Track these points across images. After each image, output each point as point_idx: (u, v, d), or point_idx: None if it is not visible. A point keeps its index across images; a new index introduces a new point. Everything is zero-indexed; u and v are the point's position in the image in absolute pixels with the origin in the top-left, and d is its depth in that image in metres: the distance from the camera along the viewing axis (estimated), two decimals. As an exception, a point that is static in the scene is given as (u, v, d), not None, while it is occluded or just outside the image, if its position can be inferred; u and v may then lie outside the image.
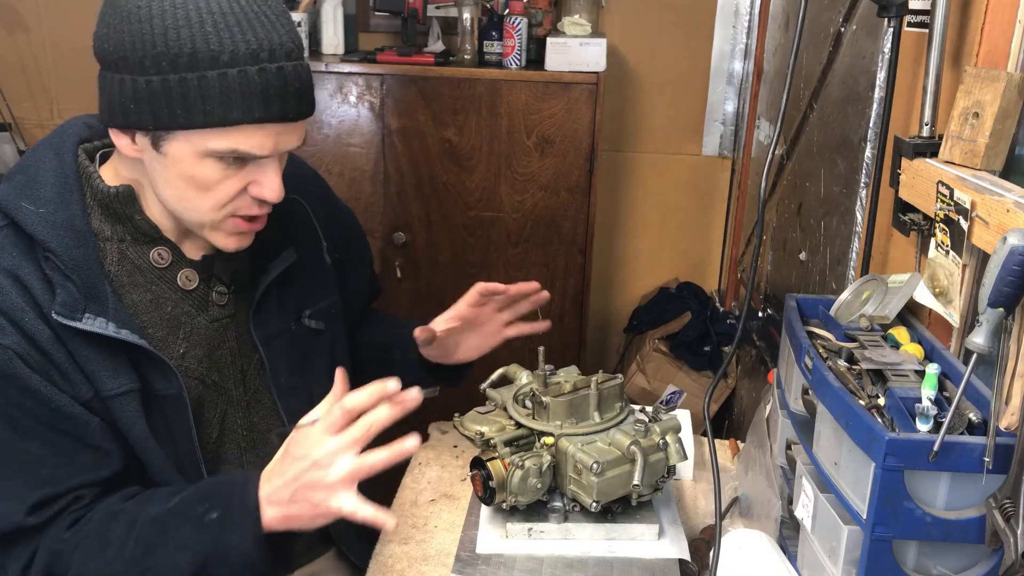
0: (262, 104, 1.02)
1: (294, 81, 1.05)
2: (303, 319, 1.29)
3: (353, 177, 2.65)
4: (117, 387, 1.08)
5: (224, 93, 1.01)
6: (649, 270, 3.31)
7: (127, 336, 1.08)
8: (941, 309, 1.21)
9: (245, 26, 1.01)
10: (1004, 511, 0.92)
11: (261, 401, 1.26)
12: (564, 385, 1.24)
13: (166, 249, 1.16)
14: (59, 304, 1.04)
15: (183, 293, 1.18)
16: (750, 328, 2.66)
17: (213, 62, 1.00)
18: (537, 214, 2.69)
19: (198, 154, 1.05)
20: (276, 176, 1.10)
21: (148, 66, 1.00)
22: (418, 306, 2.76)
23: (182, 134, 1.03)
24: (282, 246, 1.26)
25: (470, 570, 1.17)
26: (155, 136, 1.05)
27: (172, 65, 1.00)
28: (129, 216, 1.13)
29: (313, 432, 1.02)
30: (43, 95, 3.11)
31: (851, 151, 1.82)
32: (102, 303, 1.07)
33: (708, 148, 3.17)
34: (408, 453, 1.02)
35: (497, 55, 2.65)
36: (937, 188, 1.18)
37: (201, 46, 0.99)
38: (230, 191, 1.08)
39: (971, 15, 1.28)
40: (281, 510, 1.04)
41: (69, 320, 1.04)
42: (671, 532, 1.23)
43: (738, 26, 3.05)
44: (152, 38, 0.99)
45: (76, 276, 1.06)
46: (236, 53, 1.00)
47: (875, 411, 1.07)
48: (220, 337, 1.21)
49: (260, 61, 1.02)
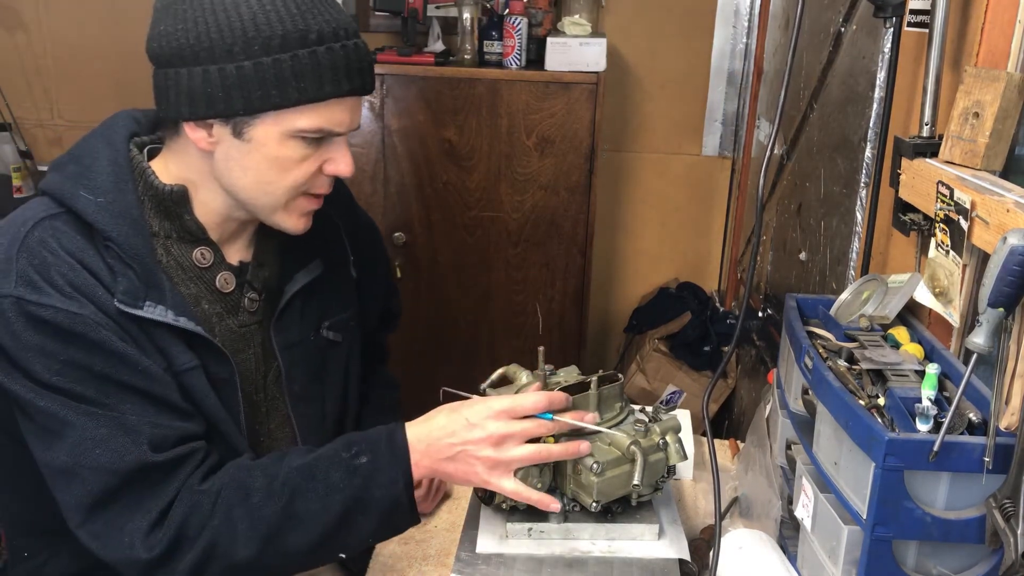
0: (347, 77, 1.09)
1: (365, 56, 1.13)
2: (322, 330, 1.31)
3: (353, 177, 2.65)
4: (186, 362, 1.12)
5: (315, 70, 1.06)
6: (649, 270, 3.31)
7: (185, 324, 1.11)
8: (941, 309, 1.21)
9: (321, 7, 1.08)
10: (1004, 511, 0.92)
11: (278, 408, 1.27)
12: (564, 385, 1.23)
13: (209, 250, 1.19)
14: (121, 292, 1.06)
15: (219, 295, 1.20)
16: (750, 328, 2.66)
17: (303, 41, 1.05)
18: (537, 214, 2.69)
19: (284, 135, 1.09)
20: (348, 153, 1.17)
21: (237, 52, 1.04)
22: (418, 306, 2.77)
23: (271, 116, 1.07)
24: (310, 257, 1.29)
25: (470, 570, 1.17)
26: (238, 123, 1.08)
27: (264, 48, 1.04)
28: (179, 215, 1.15)
29: (495, 404, 1.11)
30: (43, 95, 3.11)
31: (851, 151, 1.82)
32: (160, 291, 1.10)
33: (708, 148, 3.17)
34: (582, 453, 1.14)
35: (497, 55, 2.65)
36: (937, 188, 1.18)
37: (290, 27, 1.05)
38: (309, 170, 1.13)
39: (971, 15, 1.28)
40: (434, 463, 1.11)
41: (132, 308, 1.07)
42: (671, 532, 1.23)
43: (738, 26, 3.05)
44: (241, 24, 1.04)
45: (136, 264, 1.08)
46: (321, 32, 1.07)
47: (875, 411, 1.07)
48: (246, 342, 1.23)
49: (340, 39, 1.08)
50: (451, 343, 2.79)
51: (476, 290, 2.76)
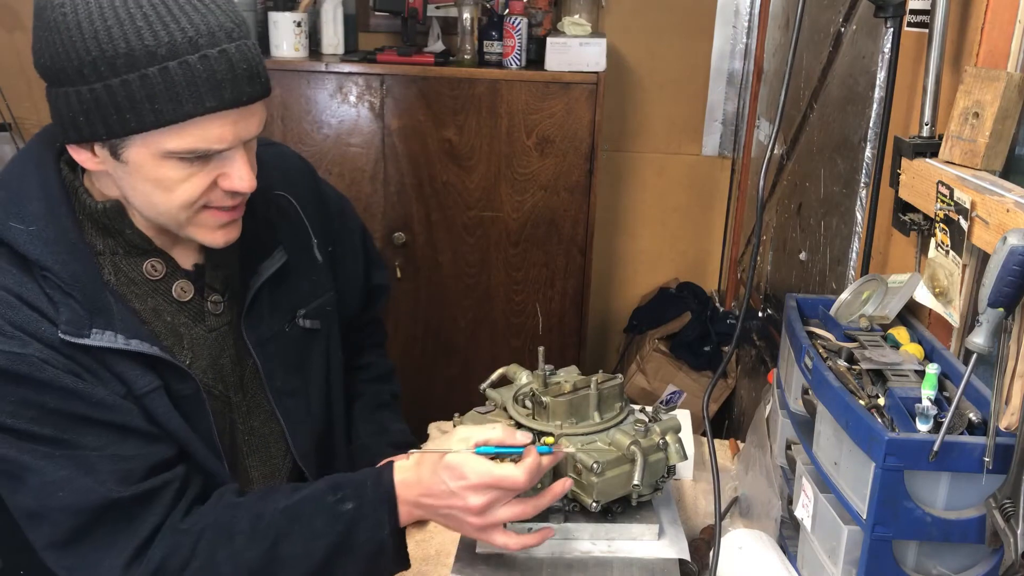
0: (211, 92, 0.97)
1: (240, 63, 0.99)
2: (297, 319, 1.27)
3: (353, 177, 2.65)
4: (146, 385, 1.07)
5: (169, 88, 0.96)
6: (649, 270, 3.31)
7: (137, 346, 1.05)
8: (941, 309, 1.21)
9: (177, 13, 0.96)
10: (1004, 511, 0.92)
11: (260, 405, 1.25)
12: (564, 385, 1.23)
13: (159, 261, 1.13)
14: (65, 323, 1.01)
15: (179, 305, 1.15)
16: (750, 328, 2.66)
17: (151, 58, 0.95)
18: (537, 214, 2.69)
19: (157, 157, 1.00)
20: (244, 165, 1.05)
21: (88, 74, 0.96)
22: (418, 306, 2.77)
23: (138, 139, 0.99)
24: (271, 247, 1.24)
25: (470, 570, 1.17)
26: (112, 145, 1.01)
27: (111, 68, 0.95)
28: (120, 230, 1.10)
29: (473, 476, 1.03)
30: (43, 95, 3.10)
31: (851, 151, 1.82)
32: (108, 316, 1.04)
33: (708, 148, 3.17)
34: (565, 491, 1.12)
35: (497, 55, 2.65)
36: (937, 188, 1.18)
37: (135, 43, 0.94)
38: (199, 188, 1.04)
39: (971, 15, 1.28)
40: (425, 513, 1.08)
41: (77, 338, 1.01)
42: (671, 532, 1.23)
43: (738, 26, 3.05)
44: (84, 44, 0.95)
45: (77, 292, 1.03)
46: (173, 44, 0.95)
47: (875, 411, 1.07)
48: (220, 346, 1.19)
49: (200, 48, 0.96)
50: (451, 343, 2.79)
51: (476, 290, 2.76)
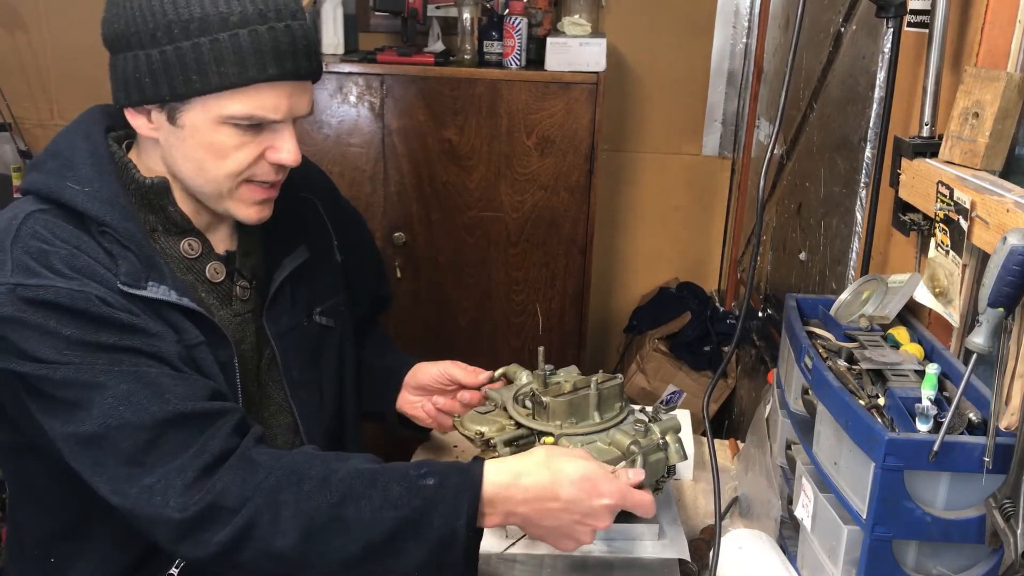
0: (275, 61, 1.05)
1: (302, 39, 1.08)
2: (314, 315, 1.31)
3: (353, 177, 2.65)
4: (195, 338, 1.10)
5: (237, 53, 1.03)
6: (649, 270, 3.30)
7: (188, 303, 1.10)
8: (941, 309, 1.21)
9: None
10: (1004, 511, 0.92)
11: (271, 396, 1.27)
12: (564, 385, 1.23)
13: (196, 240, 1.18)
14: (123, 275, 1.05)
15: (211, 285, 1.20)
16: (750, 328, 2.66)
17: (223, 24, 1.03)
18: (537, 214, 2.69)
19: (215, 121, 1.07)
20: (292, 140, 1.12)
21: (160, 37, 1.03)
22: (418, 306, 2.77)
23: (198, 102, 1.06)
24: (295, 244, 1.28)
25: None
26: (171, 109, 1.07)
27: (184, 32, 1.03)
28: (163, 207, 1.15)
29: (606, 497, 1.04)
30: (43, 95, 3.11)
31: (851, 151, 1.82)
32: (160, 272, 1.09)
33: (708, 148, 3.17)
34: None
35: (497, 55, 2.65)
36: (937, 188, 1.18)
37: (211, 9, 1.03)
38: (248, 157, 1.10)
39: (971, 15, 1.28)
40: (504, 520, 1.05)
41: (135, 289, 1.05)
42: (671, 532, 1.23)
43: (738, 26, 3.05)
44: (162, 8, 1.03)
45: (134, 247, 1.07)
46: (245, 14, 1.04)
47: (875, 411, 1.07)
48: (243, 332, 1.23)
49: (268, 20, 1.05)
50: (451, 343, 2.79)
51: (476, 290, 2.76)
